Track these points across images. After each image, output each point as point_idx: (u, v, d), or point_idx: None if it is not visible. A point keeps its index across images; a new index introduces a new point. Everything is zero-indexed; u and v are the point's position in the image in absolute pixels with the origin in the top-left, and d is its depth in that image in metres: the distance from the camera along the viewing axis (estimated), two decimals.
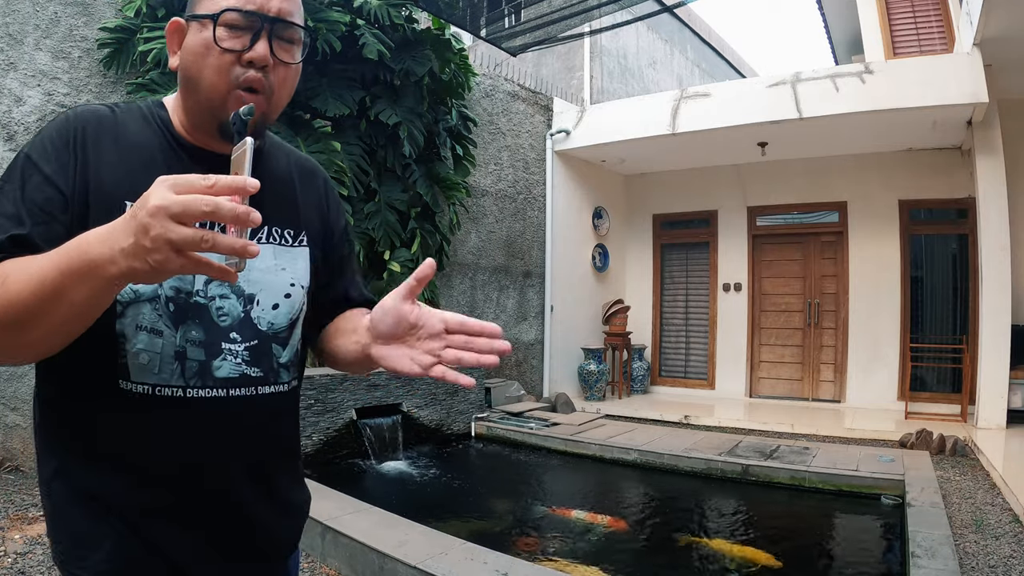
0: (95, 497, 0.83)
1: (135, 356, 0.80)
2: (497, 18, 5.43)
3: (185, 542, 0.86)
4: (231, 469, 0.87)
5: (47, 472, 0.85)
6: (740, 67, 14.07)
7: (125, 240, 0.60)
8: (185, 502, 0.85)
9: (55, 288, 0.63)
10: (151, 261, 0.59)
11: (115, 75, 4.46)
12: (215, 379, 0.84)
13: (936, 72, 5.52)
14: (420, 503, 3.94)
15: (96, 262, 0.62)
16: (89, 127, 0.81)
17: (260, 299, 0.88)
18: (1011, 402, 5.53)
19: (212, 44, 0.80)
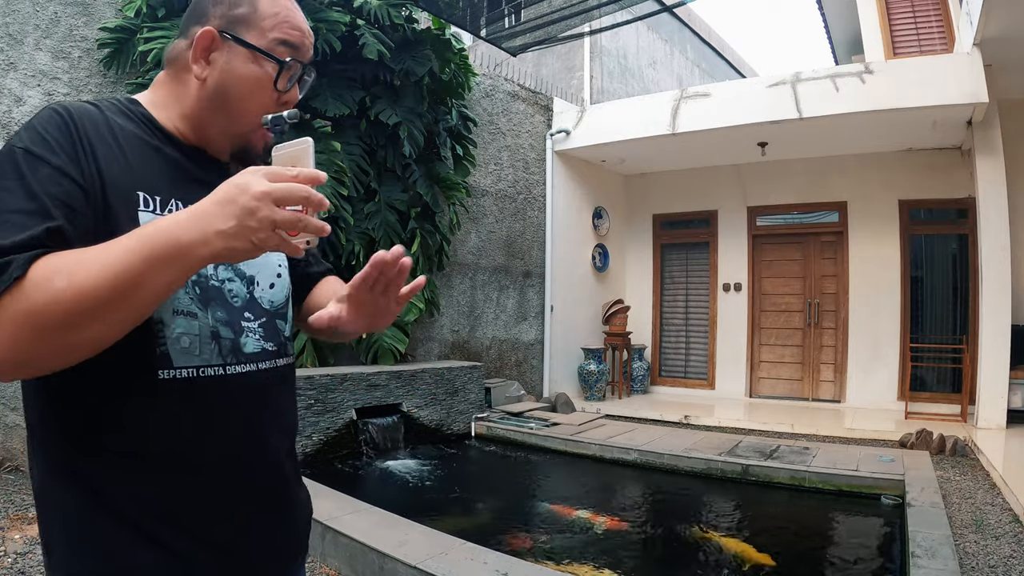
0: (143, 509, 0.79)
1: (176, 341, 0.80)
2: (497, 18, 5.43)
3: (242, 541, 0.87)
4: (273, 443, 0.91)
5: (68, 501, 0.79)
6: (740, 67, 14.07)
7: (224, 223, 0.65)
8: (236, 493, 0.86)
9: (136, 275, 0.64)
10: (255, 240, 0.66)
11: (115, 75, 4.46)
12: (245, 355, 0.87)
13: (936, 72, 5.52)
14: (420, 503, 3.93)
15: (186, 245, 0.65)
16: (85, 120, 0.78)
17: (259, 280, 0.92)
18: (1011, 402, 5.53)
19: (269, 84, 0.86)
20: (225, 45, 0.85)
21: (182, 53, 0.87)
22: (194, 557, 0.82)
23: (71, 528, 0.79)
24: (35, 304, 0.63)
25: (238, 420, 0.86)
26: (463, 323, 6.78)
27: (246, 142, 0.89)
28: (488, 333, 7.06)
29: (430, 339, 6.42)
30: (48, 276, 0.64)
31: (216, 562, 0.84)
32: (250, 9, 0.86)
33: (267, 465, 0.91)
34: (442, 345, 6.53)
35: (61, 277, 0.64)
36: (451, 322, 6.63)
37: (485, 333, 7.03)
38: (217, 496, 0.84)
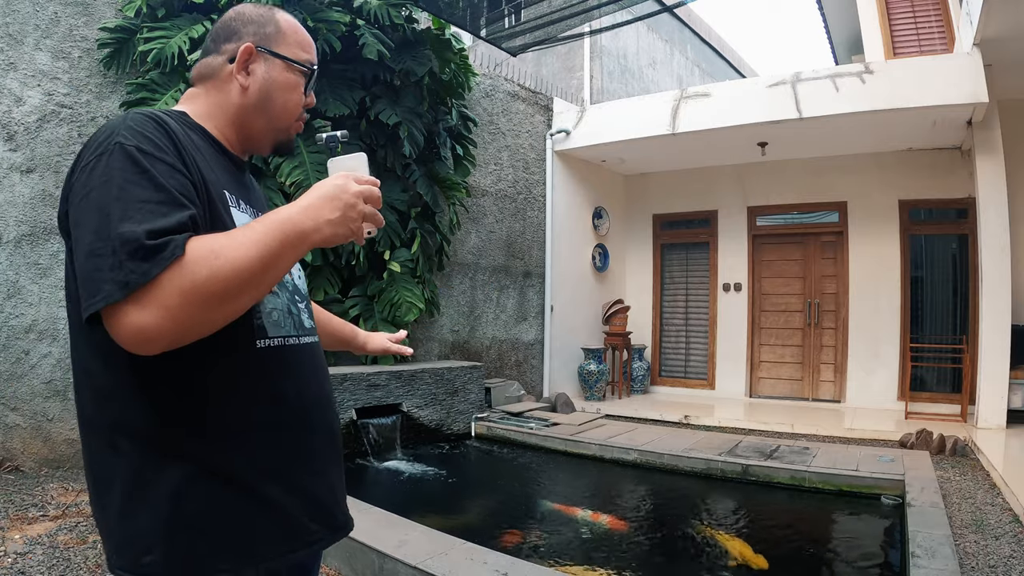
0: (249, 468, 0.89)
1: (268, 315, 0.95)
2: (497, 18, 5.43)
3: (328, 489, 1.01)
4: (331, 401, 1.08)
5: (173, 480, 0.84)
6: (740, 67, 14.07)
7: (331, 214, 0.84)
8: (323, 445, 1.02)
9: (275, 255, 0.79)
10: (353, 227, 0.86)
11: (115, 75, 4.46)
12: (306, 328, 1.05)
13: (936, 72, 5.52)
14: (420, 503, 3.94)
15: (305, 232, 0.82)
16: (174, 127, 0.89)
17: (293, 272, 1.08)
18: (1011, 402, 5.53)
19: (300, 89, 1.05)
20: (261, 58, 1.01)
21: (219, 68, 1.01)
22: (293, 508, 0.94)
23: (180, 504, 0.84)
24: (199, 278, 0.74)
25: (311, 382, 1.02)
26: (463, 323, 6.78)
27: (286, 136, 1.07)
28: (488, 333, 7.06)
29: (430, 339, 6.42)
30: (206, 255, 0.75)
31: (308, 509, 0.97)
32: (276, 28, 1.03)
33: (333, 424, 1.07)
34: (442, 345, 6.53)
35: (216, 255, 0.75)
36: (451, 322, 6.63)
37: (485, 333, 7.03)
38: (304, 453, 0.97)
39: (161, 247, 0.73)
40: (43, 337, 4.14)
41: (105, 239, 0.73)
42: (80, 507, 3.43)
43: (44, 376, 4.13)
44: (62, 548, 2.87)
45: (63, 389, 4.19)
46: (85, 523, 3.19)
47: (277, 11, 1.05)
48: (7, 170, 4.06)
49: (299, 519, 0.94)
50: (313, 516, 0.97)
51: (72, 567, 2.69)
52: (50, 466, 4.12)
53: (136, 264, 0.72)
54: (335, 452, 1.06)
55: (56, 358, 4.17)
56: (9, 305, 4.04)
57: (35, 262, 4.12)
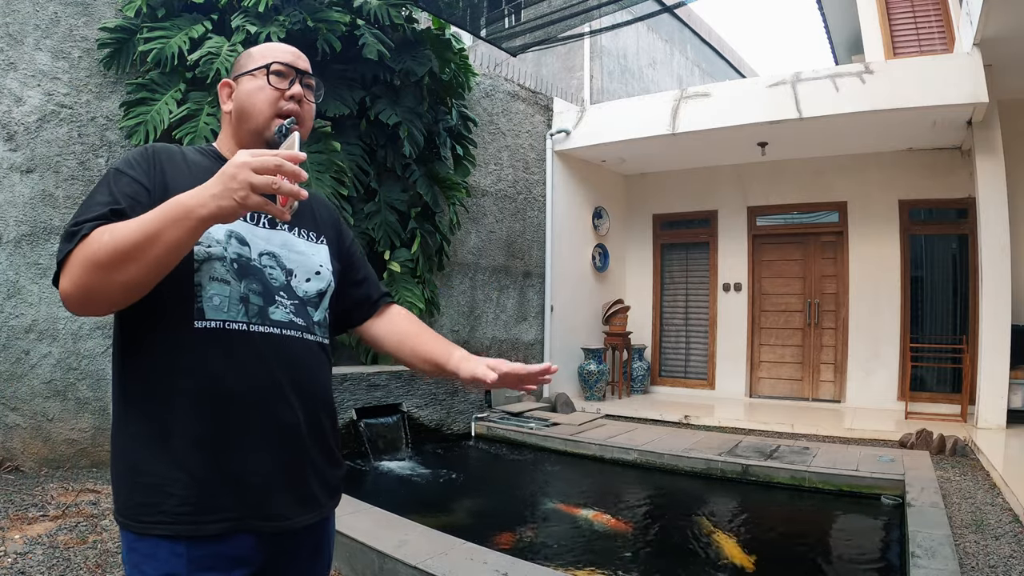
0: (169, 432, 1.01)
1: (209, 300, 1.04)
2: (497, 18, 5.43)
3: (257, 475, 1.04)
4: (292, 400, 1.09)
5: (121, 419, 1.05)
6: (740, 67, 14.07)
7: (215, 187, 0.88)
8: (259, 430, 1.05)
9: (154, 231, 0.89)
10: (237, 198, 0.87)
11: (115, 75, 4.46)
12: (271, 320, 1.09)
13: (936, 72, 5.52)
14: (420, 503, 3.94)
15: (189, 207, 0.88)
16: (161, 151, 1.10)
17: (297, 273, 1.16)
18: (1011, 402, 5.53)
19: (265, 84, 1.16)
20: (237, 84, 1.19)
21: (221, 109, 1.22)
22: (211, 483, 1.01)
23: (124, 455, 1.04)
24: (89, 250, 0.91)
25: (259, 368, 1.06)
26: (463, 323, 6.78)
27: (271, 133, 1.15)
28: (488, 333, 7.06)
29: None
30: (101, 233, 0.92)
31: (231, 491, 1.02)
32: (247, 58, 1.20)
33: (288, 413, 1.08)
34: None
35: (108, 233, 0.91)
36: (451, 322, 6.63)
37: (485, 333, 7.03)
38: (237, 432, 1.03)
39: (77, 232, 0.93)
40: (43, 337, 4.14)
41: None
42: (80, 507, 3.43)
43: (44, 376, 4.13)
44: (62, 548, 2.87)
45: (63, 389, 4.19)
46: (85, 523, 3.19)
47: (260, 46, 1.22)
48: (7, 170, 4.05)
49: (215, 495, 1.01)
50: (234, 497, 1.02)
51: (72, 567, 2.69)
52: (50, 466, 4.12)
53: (63, 245, 0.94)
54: (282, 443, 1.07)
55: (56, 358, 4.17)
56: (9, 305, 4.04)
57: (35, 262, 4.12)
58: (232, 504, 1.02)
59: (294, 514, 1.09)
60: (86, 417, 4.26)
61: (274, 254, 1.13)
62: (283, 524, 1.08)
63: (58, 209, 4.21)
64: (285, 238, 1.16)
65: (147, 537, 0.99)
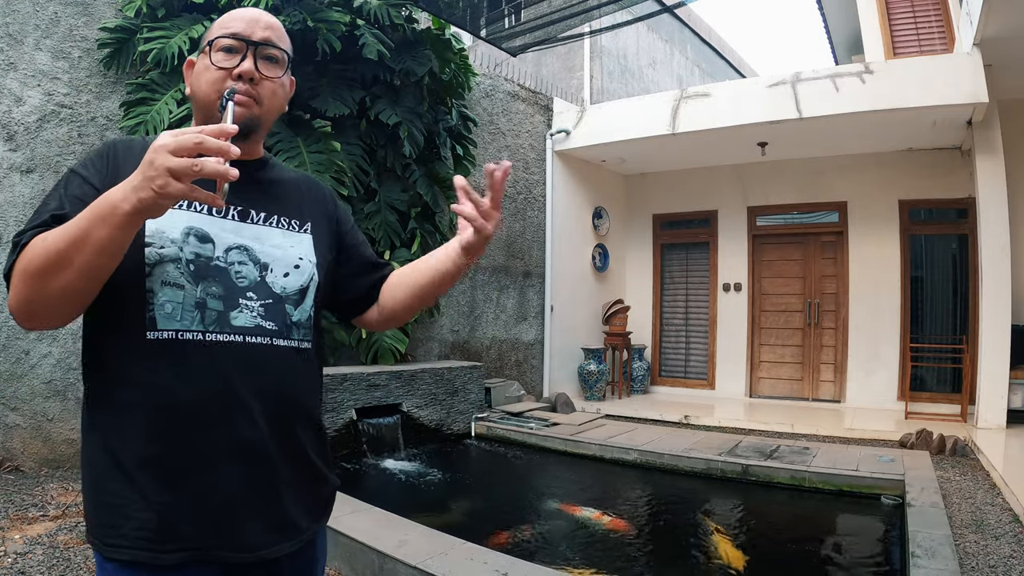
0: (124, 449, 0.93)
1: (161, 307, 0.94)
2: (497, 18, 5.43)
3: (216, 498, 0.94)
4: (255, 414, 0.97)
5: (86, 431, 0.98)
6: (740, 67, 14.07)
7: (134, 179, 0.77)
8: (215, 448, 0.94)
9: (81, 232, 0.80)
10: (155, 187, 0.75)
11: (115, 75, 4.46)
12: (232, 326, 0.97)
13: (936, 72, 5.52)
14: (420, 503, 3.93)
15: (114, 202, 0.78)
16: (120, 146, 1.01)
17: (273, 268, 1.03)
18: (1011, 402, 5.53)
19: (210, 64, 1.02)
20: (198, 59, 1.06)
21: None
22: (170, 508, 0.92)
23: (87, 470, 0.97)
24: (25, 259, 0.84)
25: (219, 383, 0.95)
26: (463, 323, 6.78)
27: (212, 114, 1.03)
28: (488, 333, 7.06)
29: (430, 339, 6.42)
30: (36, 242, 0.84)
31: (190, 517, 0.92)
32: (210, 30, 1.05)
33: (252, 431, 0.96)
34: (442, 345, 6.53)
35: (41, 241, 0.84)
36: (451, 322, 6.63)
37: (485, 333, 7.03)
38: (188, 450, 0.93)
39: (18, 243, 0.87)
40: (43, 337, 4.13)
41: None
42: (80, 507, 3.43)
43: (44, 376, 4.13)
44: (62, 548, 2.87)
45: (63, 389, 4.19)
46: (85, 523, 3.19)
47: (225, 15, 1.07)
48: (7, 170, 4.06)
49: (173, 521, 0.91)
50: (194, 524, 0.92)
51: (72, 567, 2.69)
52: (50, 466, 4.12)
53: (9, 256, 0.88)
54: (245, 462, 0.95)
55: (56, 358, 4.17)
56: None
57: None
58: (192, 532, 0.92)
59: (269, 542, 0.97)
60: None
61: (245, 247, 1.01)
62: (256, 555, 0.96)
63: None
64: (258, 231, 1.03)
65: (110, 561, 0.92)
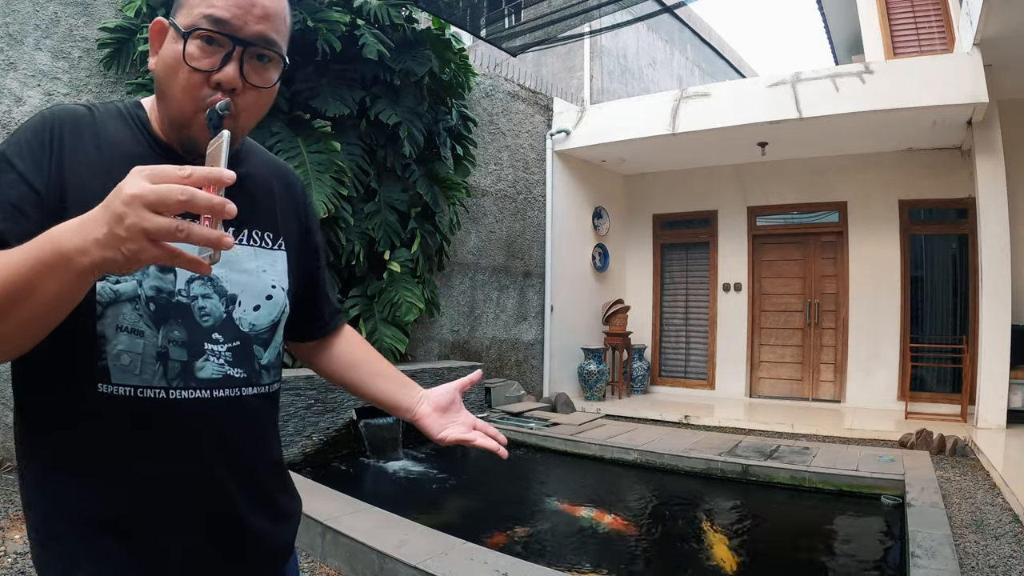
0: (82, 513, 0.78)
1: (116, 358, 0.77)
2: (497, 18, 5.43)
3: (174, 557, 0.82)
4: (218, 474, 0.84)
5: (37, 502, 0.81)
6: (740, 67, 14.07)
7: (99, 230, 0.58)
8: (174, 513, 0.81)
9: (26, 282, 0.61)
10: (124, 251, 0.57)
11: (115, 75, 4.46)
12: (198, 380, 0.81)
13: (936, 72, 5.52)
14: (420, 503, 3.93)
15: (68, 254, 0.59)
16: (66, 125, 0.78)
17: (242, 300, 0.86)
18: (1011, 402, 5.53)
19: (181, 61, 0.77)
20: (169, 32, 0.79)
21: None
22: (127, 565, 0.79)
23: (40, 528, 0.80)
24: None
25: (179, 446, 0.80)
26: (463, 323, 6.78)
27: (188, 134, 0.80)
28: (488, 333, 7.06)
29: (430, 339, 6.42)
30: None
31: (155, 568, 0.81)
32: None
33: (220, 498, 0.84)
34: (442, 345, 6.53)
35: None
36: (451, 322, 6.63)
37: (485, 333, 7.03)
38: (155, 514, 0.80)
39: None
40: None
41: None
42: None
43: None
44: None
45: None
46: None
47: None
48: None
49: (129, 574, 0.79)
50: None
51: None
52: None
53: None
54: (211, 530, 0.83)
55: None
56: None
57: None
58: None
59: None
60: None
61: (210, 277, 0.83)
62: None
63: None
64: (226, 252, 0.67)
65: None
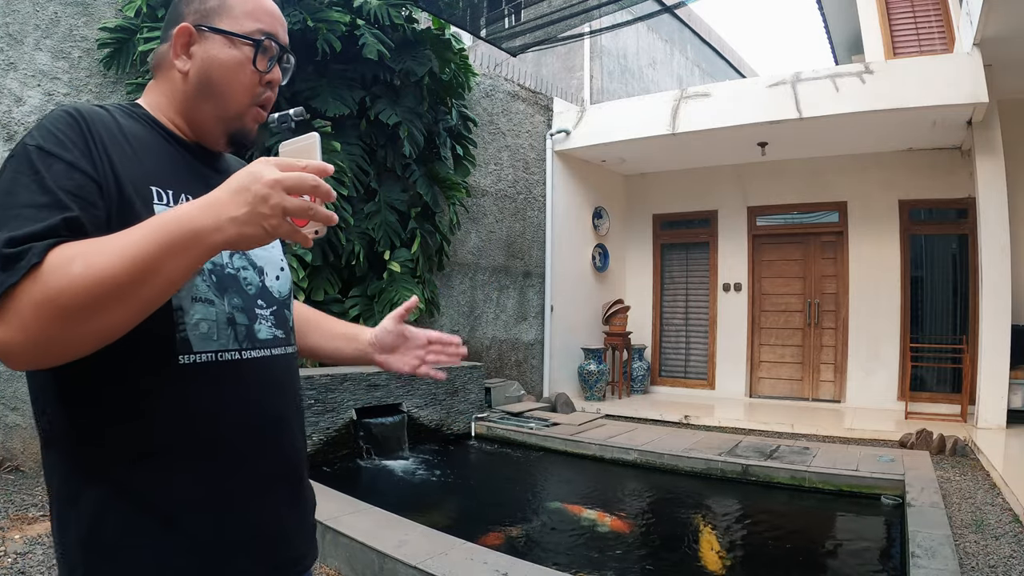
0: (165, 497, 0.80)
1: (195, 327, 0.82)
2: (497, 18, 5.43)
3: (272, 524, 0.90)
4: (287, 424, 0.94)
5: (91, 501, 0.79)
6: (740, 67, 14.07)
7: (237, 210, 0.67)
8: (266, 475, 0.89)
9: (153, 261, 0.66)
10: (267, 226, 0.68)
11: (115, 75, 4.46)
12: (259, 340, 0.91)
13: (936, 72, 5.52)
14: (420, 503, 3.93)
15: (200, 232, 0.67)
16: (95, 120, 0.81)
17: (267, 271, 0.96)
18: (1011, 402, 5.53)
19: (248, 64, 0.90)
20: (202, 37, 0.89)
21: (165, 55, 0.91)
22: (217, 542, 0.83)
23: (96, 527, 0.78)
24: (53, 289, 0.64)
25: (255, 404, 0.89)
26: (463, 323, 6.78)
27: (240, 125, 0.93)
28: (488, 333, 7.06)
29: None
30: (66, 262, 0.66)
31: (237, 543, 0.85)
32: (224, 8, 0.90)
33: (286, 449, 0.93)
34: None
35: (79, 263, 0.65)
36: (451, 322, 6.63)
37: (485, 333, 7.03)
38: (239, 481, 0.86)
39: (19, 256, 0.65)
40: None
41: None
42: None
43: None
44: None
45: None
46: None
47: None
48: None
49: (222, 554, 0.84)
50: (243, 551, 0.86)
51: None
52: None
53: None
54: (289, 482, 0.94)
55: None
56: None
57: None
58: (247, 563, 0.87)
59: (307, 552, 0.98)
60: None
61: (244, 252, 0.91)
62: (300, 566, 0.96)
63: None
64: None
65: None
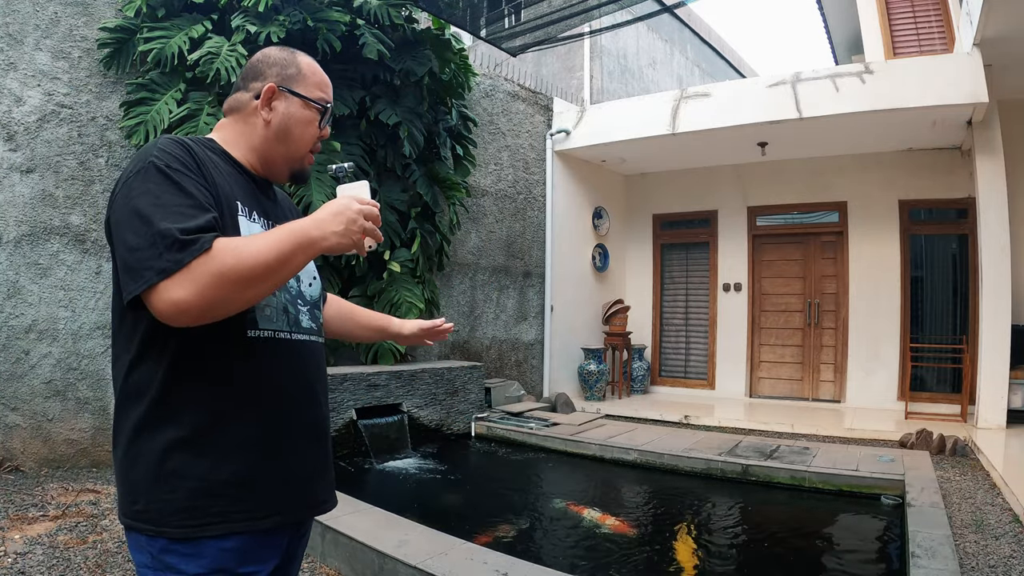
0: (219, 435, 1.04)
1: (261, 310, 1.11)
2: (497, 18, 5.42)
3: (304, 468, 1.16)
4: (321, 399, 1.22)
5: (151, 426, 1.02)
6: (740, 67, 14.07)
7: (337, 226, 1.02)
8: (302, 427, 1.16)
9: (288, 254, 0.98)
10: (353, 238, 1.03)
11: (115, 75, 4.46)
12: (302, 327, 1.20)
13: (936, 72, 5.52)
14: (420, 503, 3.93)
15: (314, 239, 1.00)
16: (196, 149, 1.08)
17: (302, 278, 1.25)
18: (1011, 402, 5.53)
19: (315, 123, 1.23)
20: (283, 96, 1.19)
21: (246, 103, 1.20)
22: (265, 481, 1.07)
23: (165, 464, 1.01)
24: (228, 265, 0.93)
25: (299, 374, 1.16)
26: (463, 323, 6.78)
27: (301, 166, 1.25)
28: (488, 333, 7.06)
29: None
30: (231, 248, 0.95)
31: (281, 488, 1.10)
32: (297, 70, 1.21)
33: (318, 413, 1.21)
34: (442, 345, 6.53)
35: (239, 250, 0.95)
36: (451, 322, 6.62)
37: (485, 333, 7.03)
38: (285, 430, 1.12)
39: (192, 241, 0.93)
40: (43, 337, 4.14)
41: (145, 236, 0.93)
42: (80, 507, 3.43)
43: (44, 376, 4.13)
44: (62, 548, 2.87)
45: (63, 389, 4.19)
46: (85, 523, 3.20)
47: (299, 55, 1.23)
48: (7, 170, 4.06)
49: (267, 492, 1.08)
50: (284, 494, 1.11)
51: (72, 567, 2.69)
52: (50, 466, 4.12)
53: (172, 255, 0.91)
54: (317, 439, 1.20)
55: (56, 358, 4.17)
56: (9, 305, 4.04)
57: (35, 262, 4.12)
58: (282, 499, 1.10)
59: (328, 499, 1.23)
60: (86, 417, 4.26)
61: None
62: (321, 509, 1.21)
63: (58, 209, 4.21)
64: None
65: (194, 540, 1.01)
